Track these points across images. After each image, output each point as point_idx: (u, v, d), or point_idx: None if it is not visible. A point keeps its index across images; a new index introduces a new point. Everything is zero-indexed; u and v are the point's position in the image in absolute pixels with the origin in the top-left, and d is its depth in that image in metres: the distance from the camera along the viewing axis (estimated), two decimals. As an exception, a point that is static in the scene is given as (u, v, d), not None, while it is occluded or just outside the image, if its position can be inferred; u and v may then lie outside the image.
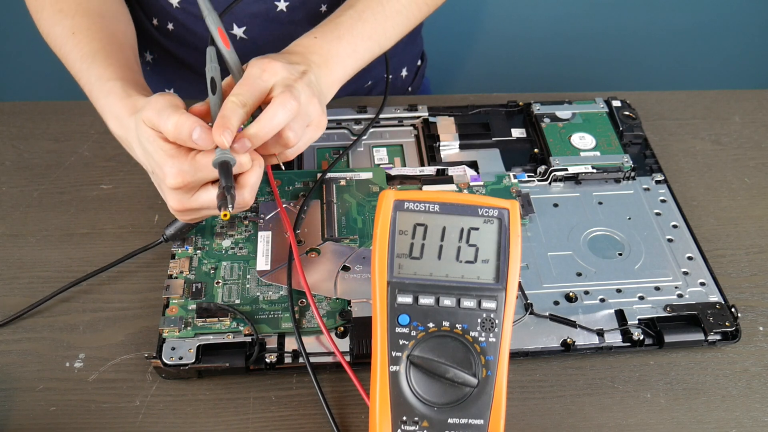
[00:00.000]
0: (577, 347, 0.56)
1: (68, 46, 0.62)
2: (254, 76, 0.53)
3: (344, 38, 0.61)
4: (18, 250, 0.63)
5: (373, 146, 0.71)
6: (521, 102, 0.76)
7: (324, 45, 0.60)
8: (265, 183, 0.65)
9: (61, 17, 0.64)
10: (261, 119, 0.51)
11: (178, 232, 0.60)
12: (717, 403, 0.54)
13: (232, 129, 0.50)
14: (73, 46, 0.62)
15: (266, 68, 0.53)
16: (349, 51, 0.61)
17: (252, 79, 0.53)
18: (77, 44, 0.62)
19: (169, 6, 0.76)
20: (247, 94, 0.52)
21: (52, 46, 0.65)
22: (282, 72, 0.54)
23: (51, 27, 0.64)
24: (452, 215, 0.48)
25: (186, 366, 0.53)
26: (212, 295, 0.57)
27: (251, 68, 0.54)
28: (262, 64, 0.54)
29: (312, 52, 0.59)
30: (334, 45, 0.60)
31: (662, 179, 0.69)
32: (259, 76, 0.53)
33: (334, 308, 0.57)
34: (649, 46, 1.46)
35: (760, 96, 0.82)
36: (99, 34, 0.62)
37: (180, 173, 0.51)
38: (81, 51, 0.61)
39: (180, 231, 0.60)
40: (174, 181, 0.51)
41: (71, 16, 0.63)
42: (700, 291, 0.59)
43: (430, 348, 0.46)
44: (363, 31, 0.63)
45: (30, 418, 0.52)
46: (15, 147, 0.73)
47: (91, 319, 0.58)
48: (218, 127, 0.50)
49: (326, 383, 0.54)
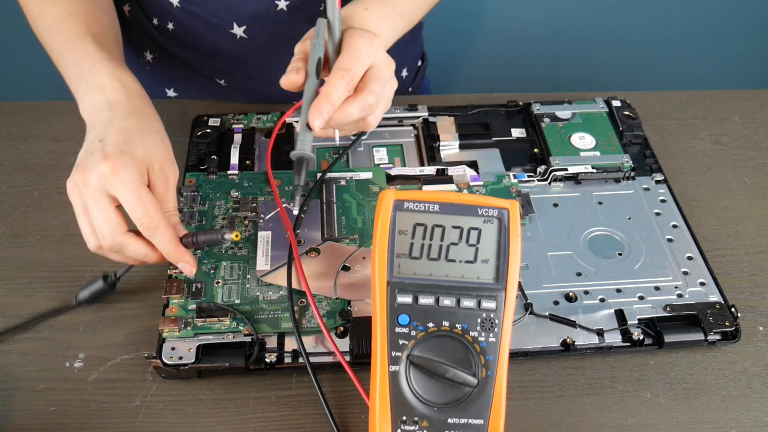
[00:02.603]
0: (577, 347, 0.56)
1: (62, 24, 0.61)
2: (362, 50, 0.50)
3: (388, 14, 0.61)
4: (18, 250, 0.63)
5: (373, 146, 0.71)
6: (521, 102, 0.76)
7: (374, 19, 0.59)
8: (265, 183, 0.65)
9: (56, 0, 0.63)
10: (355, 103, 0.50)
11: (92, 296, 0.57)
12: (717, 403, 0.54)
13: (332, 108, 0.48)
14: (67, 26, 0.61)
15: (372, 42, 0.51)
16: (389, 27, 0.61)
17: (360, 54, 0.50)
18: (73, 24, 0.61)
19: (169, 6, 0.76)
20: (355, 70, 0.49)
21: (41, 27, 0.63)
22: (382, 52, 0.52)
23: (44, 8, 0.63)
24: (452, 215, 0.48)
25: (186, 366, 0.53)
26: (212, 295, 0.57)
27: (358, 40, 0.51)
28: (368, 37, 0.51)
29: (366, 24, 0.57)
30: (381, 20, 0.60)
31: (662, 179, 0.69)
32: (365, 51, 0.50)
33: (334, 308, 0.57)
34: (649, 46, 1.46)
35: (760, 96, 0.82)
36: (95, 21, 0.62)
37: (112, 246, 0.53)
38: (77, 30, 0.60)
39: (95, 296, 0.57)
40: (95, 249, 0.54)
41: (67, 1, 0.63)
42: (700, 291, 0.59)
43: (430, 348, 0.46)
44: (401, 9, 0.63)
45: (30, 418, 0.52)
46: (15, 147, 0.73)
47: (91, 319, 0.58)
48: (318, 107, 0.47)
49: (326, 383, 0.54)
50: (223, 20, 0.76)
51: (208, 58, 0.81)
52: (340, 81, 0.49)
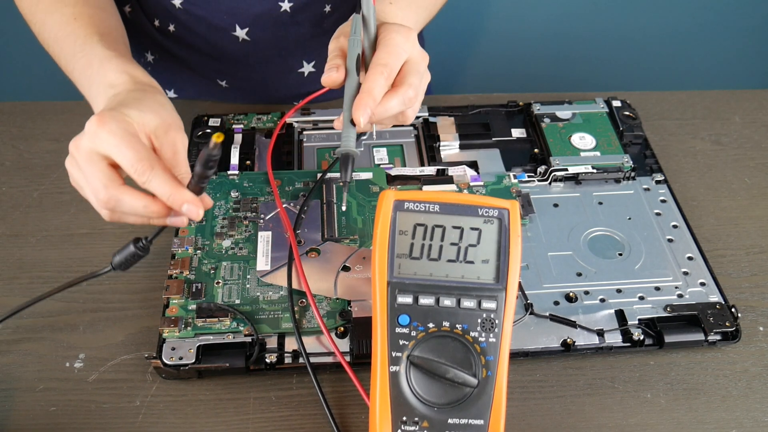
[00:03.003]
0: (577, 347, 0.56)
1: (68, 29, 0.61)
2: (398, 45, 0.50)
3: (412, 7, 0.61)
4: (18, 250, 0.63)
5: (373, 146, 0.71)
6: (521, 102, 0.76)
7: (399, 13, 0.59)
8: (265, 183, 0.65)
9: (61, 5, 0.63)
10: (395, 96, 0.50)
11: (126, 261, 0.54)
12: (717, 403, 0.54)
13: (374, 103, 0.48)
14: (74, 29, 0.60)
15: (408, 37, 0.51)
16: (414, 20, 0.61)
17: (397, 49, 0.50)
18: (79, 27, 0.60)
19: (171, 7, 0.76)
20: (393, 65, 0.50)
21: (46, 35, 0.63)
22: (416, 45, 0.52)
23: (49, 15, 0.63)
24: (452, 215, 0.48)
25: (186, 366, 0.53)
26: (212, 295, 0.57)
27: (395, 35, 0.51)
28: (404, 32, 0.51)
29: (392, 18, 0.58)
30: (407, 13, 0.60)
31: (662, 179, 0.69)
32: (402, 46, 0.50)
33: (334, 308, 0.57)
34: (649, 46, 1.46)
35: (760, 96, 0.82)
36: (100, 23, 0.62)
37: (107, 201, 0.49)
38: (84, 32, 0.60)
39: (128, 260, 0.53)
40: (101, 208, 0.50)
41: (72, 5, 0.62)
42: (700, 291, 0.59)
43: (430, 348, 0.46)
44: (423, 2, 0.63)
45: (30, 418, 0.52)
46: (15, 147, 0.73)
47: (91, 319, 0.58)
48: (362, 104, 0.48)
49: (326, 383, 0.54)
50: (225, 22, 0.76)
51: (209, 60, 0.81)
52: (380, 76, 0.49)
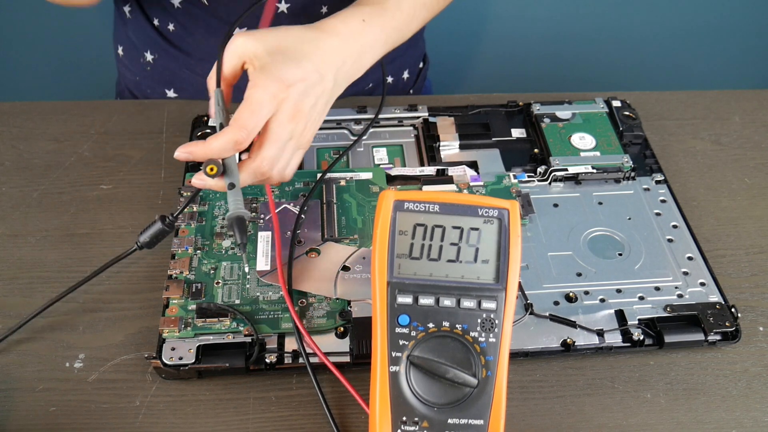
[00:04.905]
0: (577, 347, 0.56)
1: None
2: (261, 104, 0.51)
3: (385, 28, 0.60)
4: (18, 250, 0.63)
5: (373, 146, 0.71)
6: (521, 102, 0.76)
7: (369, 33, 0.59)
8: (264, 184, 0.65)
9: None
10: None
11: (152, 239, 0.56)
12: (717, 403, 0.54)
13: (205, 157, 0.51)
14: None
15: (277, 95, 0.52)
16: (383, 41, 0.61)
17: (259, 108, 0.51)
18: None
19: (170, 6, 0.76)
20: (251, 128, 0.51)
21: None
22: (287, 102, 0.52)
23: None
24: (452, 215, 0.47)
25: (186, 366, 0.53)
26: (212, 296, 0.57)
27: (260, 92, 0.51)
28: (274, 84, 0.52)
29: (361, 37, 0.58)
30: (377, 34, 0.60)
31: (662, 179, 0.69)
32: (264, 105, 0.51)
33: (334, 308, 0.57)
34: (649, 46, 1.46)
35: (760, 96, 0.82)
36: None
37: None
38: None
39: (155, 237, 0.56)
40: None
41: None
42: (700, 291, 0.59)
43: (430, 348, 0.46)
44: (397, 23, 0.62)
45: (30, 418, 0.52)
46: (15, 147, 0.73)
47: (91, 319, 0.58)
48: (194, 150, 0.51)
49: (326, 383, 0.54)
50: (224, 22, 0.76)
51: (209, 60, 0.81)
52: (230, 142, 0.50)
